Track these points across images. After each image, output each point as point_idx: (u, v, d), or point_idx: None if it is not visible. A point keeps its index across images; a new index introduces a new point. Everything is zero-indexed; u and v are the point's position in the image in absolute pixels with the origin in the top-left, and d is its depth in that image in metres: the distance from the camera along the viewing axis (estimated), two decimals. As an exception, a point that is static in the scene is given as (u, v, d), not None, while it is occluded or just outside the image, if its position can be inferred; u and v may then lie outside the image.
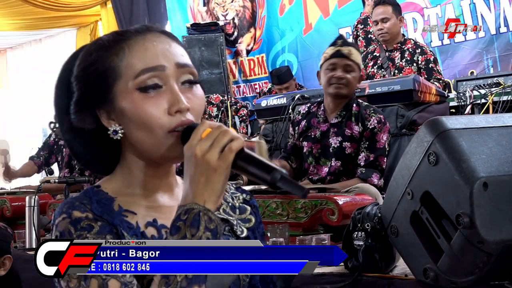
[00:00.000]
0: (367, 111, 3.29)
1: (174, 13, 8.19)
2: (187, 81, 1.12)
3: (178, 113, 1.08)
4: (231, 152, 1.01)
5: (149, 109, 1.08)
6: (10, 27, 9.15)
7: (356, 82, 3.31)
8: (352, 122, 3.29)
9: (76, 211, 1.07)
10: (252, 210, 1.27)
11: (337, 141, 3.30)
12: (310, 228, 2.79)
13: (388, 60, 4.69)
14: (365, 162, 3.22)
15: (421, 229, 2.00)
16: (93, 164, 1.22)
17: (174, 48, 1.13)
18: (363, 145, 3.25)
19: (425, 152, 1.94)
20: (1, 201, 3.97)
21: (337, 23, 6.64)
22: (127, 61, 1.10)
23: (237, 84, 7.91)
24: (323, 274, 2.33)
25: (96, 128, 1.14)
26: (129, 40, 1.12)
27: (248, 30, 7.72)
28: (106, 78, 1.11)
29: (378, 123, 3.24)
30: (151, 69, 1.09)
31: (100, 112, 1.13)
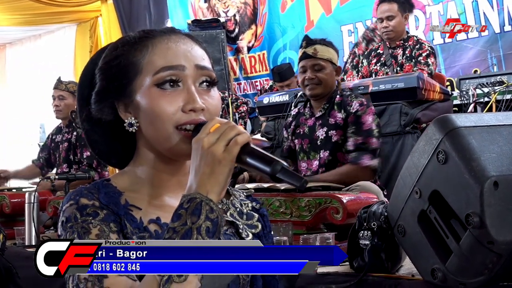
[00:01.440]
0: (349, 98, 3.33)
1: (175, 9, 8.15)
2: (204, 82, 1.16)
3: (192, 112, 1.12)
4: (236, 145, 1.04)
5: (164, 105, 1.12)
6: (9, 22, 9.10)
7: (330, 76, 3.34)
8: (335, 110, 3.33)
9: (84, 198, 1.11)
10: (261, 219, 1.29)
11: (323, 132, 3.34)
12: (314, 226, 2.75)
13: (391, 58, 4.65)
14: (354, 146, 3.22)
15: (429, 228, 1.97)
16: (107, 155, 1.27)
17: (196, 51, 1.17)
18: (350, 130, 3.26)
19: (434, 151, 1.91)
20: (0, 198, 3.94)
21: (339, 20, 6.60)
22: (149, 58, 1.15)
23: (237, 81, 7.87)
24: (328, 273, 2.30)
25: (113, 119, 1.19)
26: (154, 38, 1.17)
27: (249, 27, 7.68)
28: (127, 72, 1.16)
29: (360, 105, 3.27)
30: (171, 67, 1.13)
31: (118, 104, 1.18)
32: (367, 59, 4.82)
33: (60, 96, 4.58)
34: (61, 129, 4.78)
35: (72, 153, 4.52)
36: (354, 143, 3.22)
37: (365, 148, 3.20)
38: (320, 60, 3.32)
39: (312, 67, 3.32)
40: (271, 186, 2.87)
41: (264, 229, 1.28)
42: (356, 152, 3.20)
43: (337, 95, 3.37)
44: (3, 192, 4.05)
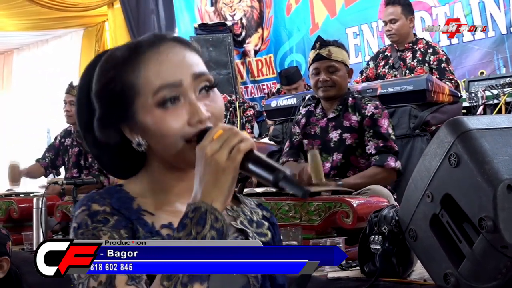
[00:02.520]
0: (362, 101, 3.31)
1: (182, 13, 8.15)
2: (203, 88, 1.14)
3: (198, 124, 1.11)
4: (239, 153, 1.03)
5: (169, 123, 1.11)
6: (17, 28, 9.12)
7: (343, 79, 3.33)
8: (350, 113, 3.30)
9: (95, 203, 1.11)
10: (271, 227, 1.28)
11: (337, 134, 3.31)
12: (323, 231, 2.73)
13: (400, 60, 4.63)
14: (375, 149, 3.20)
15: (441, 232, 1.94)
16: (120, 172, 1.26)
17: (189, 58, 1.14)
18: (368, 134, 3.23)
19: (445, 153, 1.88)
20: (8, 203, 3.94)
21: (344, 23, 6.57)
22: (144, 77, 1.12)
23: (245, 84, 7.86)
24: (339, 278, 2.28)
25: (120, 141, 1.18)
26: (143, 54, 1.13)
27: (256, 30, 7.67)
28: (125, 96, 1.14)
29: (375, 108, 3.25)
30: (169, 85, 1.11)
31: (123, 127, 1.17)
32: (374, 62, 4.80)
33: (71, 102, 4.58)
34: (71, 132, 4.77)
35: (83, 158, 4.52)
36: (375, 146, 3.20)
37: (387, 150, 3.18)
38: (334, 62, 3.30)
39: (326, 69, 3.30)
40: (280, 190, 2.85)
41: (274, 238, 1.27)
42: (378, 155, 3.18)
43: (349, 97, 3.34)
44: (11, 197, 4.05)
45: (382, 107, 3.28)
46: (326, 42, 3.42)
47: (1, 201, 4.00)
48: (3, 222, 3.90)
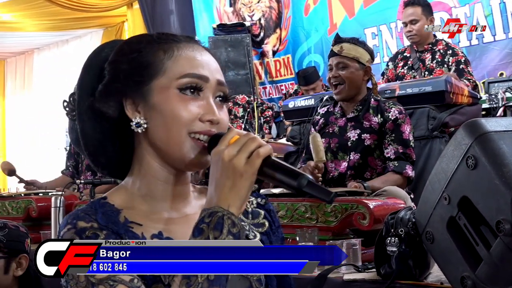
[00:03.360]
0: (386, 104, 3.27)
1: (201, 13, 8.17)
2: (220, 97, 1.15)
3: (208, 122, 1.11)
4: (258, 158, 1.02)
5: (183, 109, 1.10)
6: (37, 28, 9.21)
7: (355, 76, 3.24)
8: (370, 114, 3.26)
9: (81, 221, 1.07)
10: (268, 214, 1.26)
11: (355, 134, 3.26)
12: (340, 232, 2.72)
13: (419, 61, 4.60)
14: (395, 155, 3.17)
15: (458, 235, 1.92)
16: (96, 151, 1.19)
17: (216, 66, 1.17)
18: (389, 138, 3.20)
19: (463, 156, 1.87)
20: (27, 201, 3.96)
21: (363, 23, 6.53)
22: (174, 60, 1.12)
23: (263, 85, 7.85)
24: (354, 280, 2.27)
25: (115, 117, 1.14)
26: (179, 42, 1.15)
27: (274, 30, 7.67)
28: (147, 70, 1.12)
29: (399, 113, 3.21)
30: (197, 76, 1.12)
31: (126, 101, 1.13)
32: (393, 62, 4.77)
33: None
34: None
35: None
36: (395, 151, 3.17)
37: (406, 158, 3.16)
38: (345, 58, 3.24)
39: (337, 65, 3.25)
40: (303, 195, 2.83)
41: (272, 225, 1.26)
42: (397, 161, 3.16)
43: (371, 99, 3.29)
44: (30, 196, 4.07)
45: (406, 113, 3.25)
46: (341, 39, 3.36)
47: (20, 200, 4.03)
48: (22, 221, 3.92)
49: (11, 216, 3.99)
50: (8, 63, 10.98)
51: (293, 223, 2.76)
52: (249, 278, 1.15)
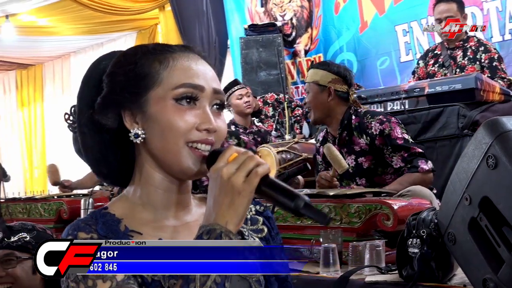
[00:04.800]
0: (365, 119, 3.20)
1: (232, 14, 8.17)
2: (216, 105, 1.17)
3: (205, 131, 1.13)
4: (257, 177, 1.04)
5: (179, 119, 1.12)
6: (73, 32, 9.35)
7: (318, 99, 3.27)
8: (355, 136, 3.22)
9: (81, 232, 1.09)
10: (266, 221, 1.27)
11: (351, 160, 3.24)
12: (364, 233, 2.69)
13: (450, 59, 4.51)
14: (403, 162, 3.13)
15: (480, 236, 1.89)
16: (98, 163, 1.21)
17: (212, 74, 1.18)
18: (387, 152, 3.15)
19: (483, 155, 1.83)
20: (58, 204, 4.05)
21: (393, 20, 6.45)
22: (170, 71, 1.14)
23: (295, 85, 7.82)
24: (376, 282, 2.24)
25: (115, 128, 1.16)
26: (174, 52, 1.17)
27: (306, 30, 7.62)
28: (144, 81, 1.14)
29: (381, 124, 3.15)
30: (193, 86, 1.13)
31: (125, 113, 1.15)
32: (424, 60, 4.70)
33: None
34: None
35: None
36: (401, 159, 3.13)
37: (414, 156, 3.12)
38: (308, 84, 3.35)
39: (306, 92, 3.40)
40: (320, 192, 2.83)
41: (271, 231, 1.27)
42: (408, 164, 3.12)
43: (352, 117, 3.24)
44: (61, 199, 4.15)
45: (387, 119, 3.18)
46: (311, 65, 3.48)
47: (52, 202, 4.11)
48: (54, 223, 4.01)
49: (44, 218, 4.08)
50: (46, 67, 11.17)
51: (316, 224, 2.73)
52: (248, 279, 1.16)
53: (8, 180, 4.40)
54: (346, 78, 3.30)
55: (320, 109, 3.28)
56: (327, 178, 3.06)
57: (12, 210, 4.29)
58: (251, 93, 5.93)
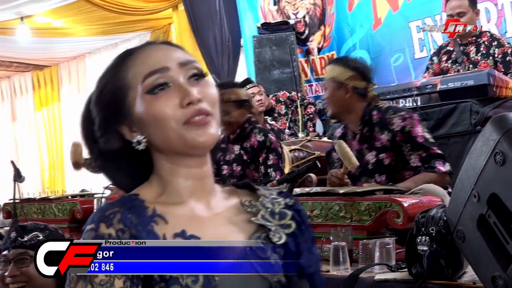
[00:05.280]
0: (387, 115, 3.16)
1: (245, 13, 8.17)
2: (193, 76, 1.16)
3: (190, 105, 1.12)
4: None
5: (161, 107, 1.12)
6: (87, 33, 9.41)
7: (336, 95, 3.25)
8: (376, 132, 3.18)
9: (103, 224, 1.09)
10: (296, 214, 1.23)
11: (372, 156, 3.19)
12: (375, 231, 2.68)
13: (463, 55, 4.48)
14: (420, 161, 3.09)
15: (488, 234, 1.87)
16: (129, 183, 1.22)
17: (176, 52, 1.19)
18: (406, 149, 3.10)
19: (491, 152, 1.81)
20: (72, 204, 4.06)
21: (407, 17, 6.41)
22: (132, 71, 1.17)
23: (309, 83, 7.80)
24: (385, 280, 2.23)
25: (123, 146, 1.19)
26: (132, 54, 1.19)
27: (319, 27, 7.61)
28: (118, 94, 1.17)
29: (403, 120, 3.11)
30: (156, 71, 1.14)
31: (122, 128, 1.18)
32: (437, 57, 4.67)
33: None
34: None
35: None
36: (419, 158, 3.09)
37: (432, 157, 3.07)
38: (326, 81, 3.35)
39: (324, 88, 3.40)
40: (330, 190, 2.82)
41: (301, 225, 1.23)
42: (425, 164, 3.08)
43: (373, 113, 3.21)
44: (75, 199, 4.17)
45: (409, 115, 3.13)
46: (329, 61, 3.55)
47: (66, 202, 4.13)
48: (68, 223, 4.03)
49: (58, 218, 4.10)
50: (62, 67, 11.25)
51: (328, 222, 2.73)
52: (269, 279, 1.14)
53: (22, 181, 4.39)
54: (364, 74, 3.26)
55: (338, 105, 3.26)
56: (337, 175, 3.05)
57: (27, 210, 4.32)
58: (263, 91, 5.93)
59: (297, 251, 1.19)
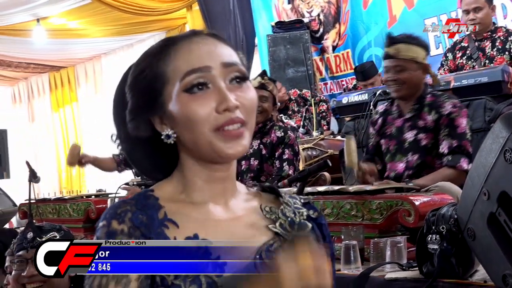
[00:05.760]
0: (441, 99, 3.15)
1: (259, 12, 8.17)
2: (234, 79, 1.12)
3: (226, 112, 1.08)
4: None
5: (196, 109, 1.08)
6: (102, 34, 9.45)
7: (414, 77, 3.15)
8: (425, 112, 3.16)
9: (115, 221, 1.07)
10: (317, 228, 1.18)
11: (412, 134, 3.17)
12: (387, 229, 2.66)
13: (478, 50, 4.44)
14: (449, 149, 3.05)
15: (499, 232, 1.85)
16: (152, 171, 1.21)
17: (221, 49, 1.14)
18: (443, 133, 3.08)
19: (500, 149, 1.80)
20: (86, 204, 4.10)
21: (422, 14, 6.37)
22: (173, 65, 1.12)
23: (324, 81, 7.78)
24: (396, 279, 2.22)
25: (152, 135, 1.15)
26: (175, 45, 1.14)
27: (333, 26, 7.58)
28: (155, 84, 1.13)
29: (453, 107, 3.09)
30: (196, 70, 1.10)
31: (153, 118, 1.15)
32: (452, 53, 4.63)
33: None
34: None
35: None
36: (448, 146, 3.05)
37: (461, 151, 3.03)
38: (402, 61, 3.15)
39: (394, 68, 3.17)
40: (342, 189, 2.81)
41: (321, 240, 1.18)
42: (451, 155, 3.04)
43: (427, 95, 3.20)
44: (89, 199, 4.21)
45: (461, 106, 3.12)
46: (395, 39, 3.25)
47: (80, 202, 4.16)
48: (82, 222, 4.08)
49: (73, 218, 4.15)
50: (78, 68, 11.32)
51: (339, 221, 2.72)
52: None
53: (38, 181, 4.41)
54: (428, 51, 3.27)
55: (414, 86, 3.19)
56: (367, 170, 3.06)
57: (42, 210, 4.36)
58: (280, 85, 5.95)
59: None
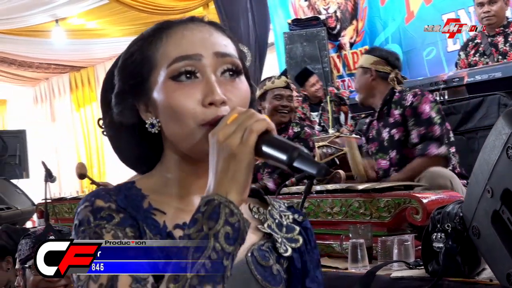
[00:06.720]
0: (404, 93, 3.28)
1: (276, 9, 8.14)
2: (227, 71, 1.04)
3: (212, 106, 1.01)
4: (251, 134, 0.92)
5: (181, 99, 1.01)
6: (121, 34, 9.49)
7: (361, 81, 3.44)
8: (393, 109, 3.29)
9: (100, 199, 1.00)
10: (303, 232, 1.16)
11: (386, 132, 3.31)
12: (395, 227, 2.64)
13: (491, 46, 4.38)
14: (418, 137, 3.16)
15: (503, 229, 1.83)
16: (135, 161, 1.16)
17: (216, 38, 1.06)
18: (410, 123, 3.20)
19: (503, 146, 1.77)
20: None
21: (440, 9, 6.30)
22: (163, 49, 1.05)
23: (341, 78, 7.73)
24: (402, 278, 2.20)
25: (137, 122, 1.09)
26: (169, 29, 1.07)
27: (351, 22, 7.53)
28: (142, 68, 1.06)
29: (414, 96, 3.21)
30: (186, 57, 1.02)
31: (138, 104, 1.08)
32: (464, 52, 4.58)
33: None
34: None
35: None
36: (417, 134, 3.16)
37: (429, 137, 3.12)
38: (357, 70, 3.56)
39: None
40: (349, 187, 2.80)
41: (308, 244, 1.15)
42: (421, 143, 3.13)
43: (394, 94, 3.32)
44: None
45: (422, 93, 3.23)
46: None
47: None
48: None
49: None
50: (98, 68, 11.40)
51: (347, 219, 2.71)
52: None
53: (54, 181, 4.45)
54: (389, 60, 3.43)
55: (363, 89, 3.43)
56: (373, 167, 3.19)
57: (58, 210, 4.38)
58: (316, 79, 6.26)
59: (302, 269, 1.12)
